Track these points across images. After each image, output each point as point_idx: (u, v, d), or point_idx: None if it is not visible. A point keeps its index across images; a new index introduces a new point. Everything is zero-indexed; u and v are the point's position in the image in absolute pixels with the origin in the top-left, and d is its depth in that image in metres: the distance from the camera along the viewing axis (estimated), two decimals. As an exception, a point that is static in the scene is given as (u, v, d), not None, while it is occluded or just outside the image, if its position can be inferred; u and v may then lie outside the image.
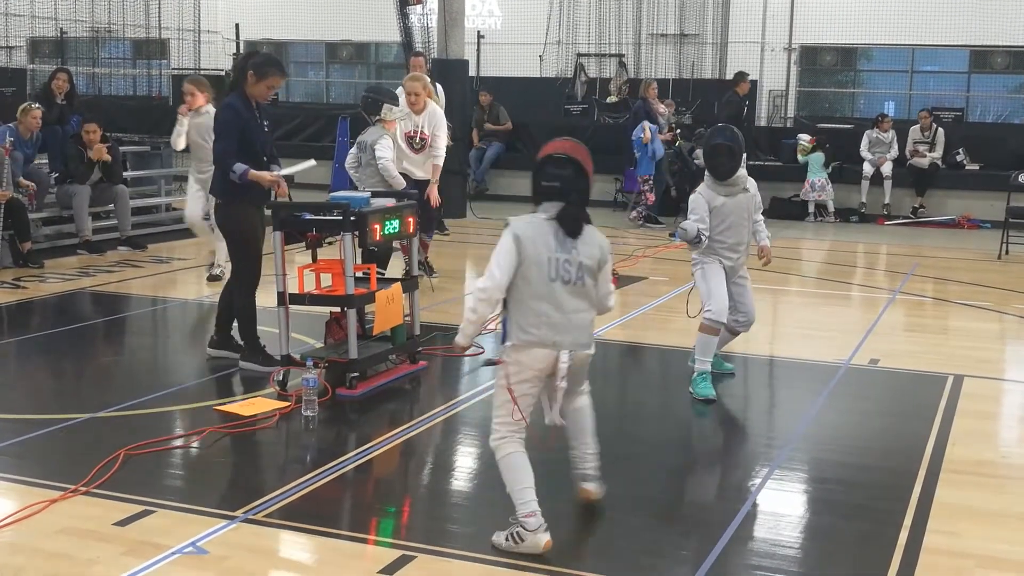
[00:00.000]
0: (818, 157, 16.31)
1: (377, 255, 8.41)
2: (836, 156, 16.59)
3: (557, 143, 4.72)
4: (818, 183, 16.20)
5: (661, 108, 15.80)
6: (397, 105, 9.30)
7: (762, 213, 7.10)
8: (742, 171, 6.80)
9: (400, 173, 9.29)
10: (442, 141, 9.80)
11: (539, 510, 4.41)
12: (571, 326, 4.50)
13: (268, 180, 6.91)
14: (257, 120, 6.98)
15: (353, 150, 9.33)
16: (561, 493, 4.95)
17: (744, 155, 7.02)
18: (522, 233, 4.49)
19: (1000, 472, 5.62)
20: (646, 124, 14.82)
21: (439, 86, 11.25)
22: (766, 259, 7.12)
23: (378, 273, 7.55)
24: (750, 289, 7.06)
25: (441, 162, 9.83)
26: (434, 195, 9.73)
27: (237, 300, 7.20)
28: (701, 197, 6.75)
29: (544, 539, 4.37)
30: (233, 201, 6.99)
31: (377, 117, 9.09)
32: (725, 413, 6.88)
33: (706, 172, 6.86)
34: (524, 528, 4.38)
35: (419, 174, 9.70)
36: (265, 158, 7.02)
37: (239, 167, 6.79)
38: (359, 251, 7.09)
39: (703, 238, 6.71)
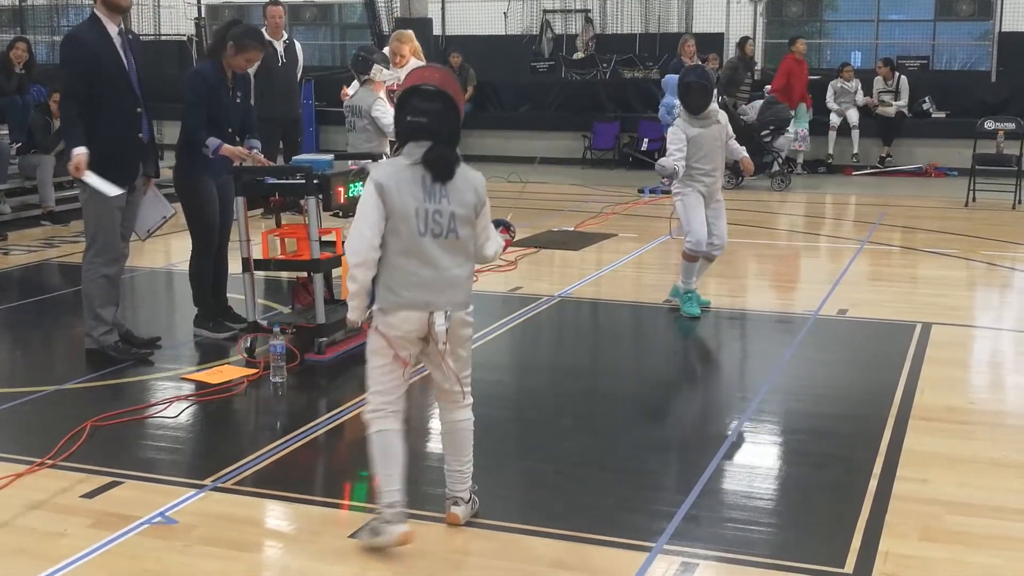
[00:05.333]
0: (802, 108, 16.24)
1: None
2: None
3: (424, 71, 4.11)
4: (801, 133, 15.98)
5: None
6: (388, 68, 9.18)
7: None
8: (714, 105, 7.48)
9: None
10: None
11: (401, 500, 4.08)
12: (445, 284, 4.03)
13: (239, 155, 6.80)
14: (229, 90, 6.90)
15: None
16: (533, 451, 4.94)
17: (715, 91, 7.82)
18: (385, 182, 3.97)
19: (969, 418, 5.65)
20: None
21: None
22: (747, 169, 7.96)
23: None
24: (724, 214, 7.65)
25: None
26: None
27: (192, 265, 7.16)
28: (679, 129, 7.38)
29: (399, 531, 4.03)
30: (192, 171, 6.91)
31: (366, 77, 8.92)
32: (695, 366, 6.90)
33: (681, 107, 7.51)
34: (381, 518, 4.06)
35: None
36: (231, 130, 6.91)
37: (212, 142, 6.73)
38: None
39: (678, 171, 7.32)
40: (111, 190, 6.29)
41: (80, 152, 6.20)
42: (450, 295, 4.04)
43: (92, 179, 6.27)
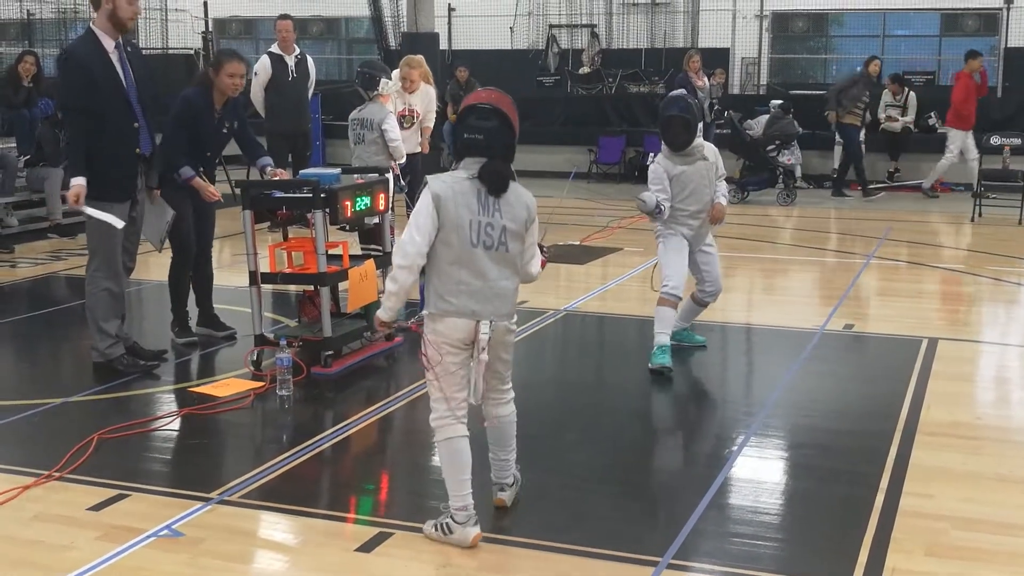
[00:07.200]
0: None
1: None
2: (806, 122, 16.42)
3: (481, 93, 4.34)
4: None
5: (701, 82, 15.24)
6: (391, 79, 9.31)
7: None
8: (699, 140, 6.72)
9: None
10: (431, 114, 10.41)
11: (472, 503, 4.26)
12: (492, 295, 4.22)
13: (209, 193, 7.04)
14: (214, 118, 7.02)
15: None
16: (537, 463, 4.94)
17: (700, 124, 6.99)
18: (442, 193, 4.16)
19: (975, 434, 5.64)
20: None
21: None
22: (714, 217, 6.85)
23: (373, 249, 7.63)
24: (717, 259, 7.02)
25: (431, 124, 10.43)
26: (425, 145, 10.38)
27: (170, 275, 7.37)
28: (660, 167, 6.69)
29: (473, 533, 4.22)
30: (168, 188, 6.95)
31: (375, 92, 9.02)
32: (701, 381, 6.89)
33: (663, 143, 6.75)
34: (453, 520, 4.24)
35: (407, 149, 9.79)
36: (209, 154, 7.14)
37: (185, 171, 6.93)
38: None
39: (663, 209, 6.65)
40: (115, 222, 6.30)
41: (78, 183, 6.22)
42: (496, 305, 4.24)
43: (91, 211, 6.29)
